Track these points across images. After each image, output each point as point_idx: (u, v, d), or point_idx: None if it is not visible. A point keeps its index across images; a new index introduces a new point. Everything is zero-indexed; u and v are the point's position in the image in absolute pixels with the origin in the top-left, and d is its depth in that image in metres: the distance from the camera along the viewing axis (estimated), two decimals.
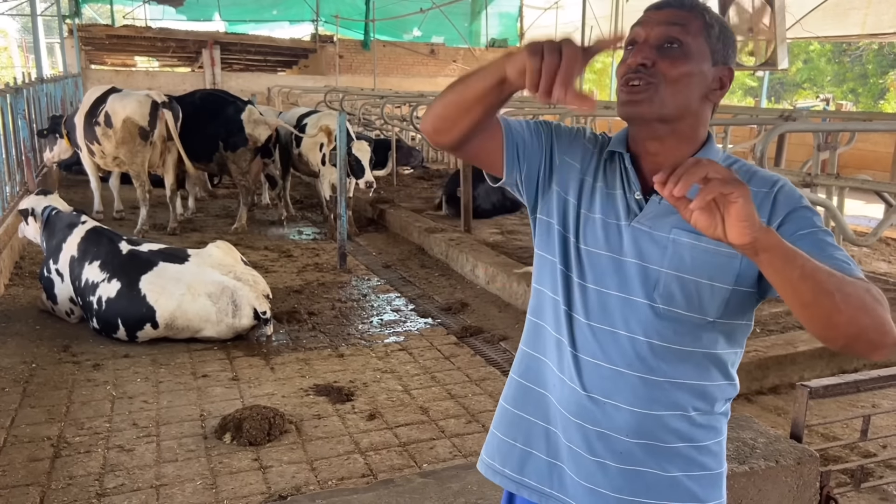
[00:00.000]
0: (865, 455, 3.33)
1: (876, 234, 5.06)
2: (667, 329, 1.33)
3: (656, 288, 1.33)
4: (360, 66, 19.88)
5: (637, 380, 1.35)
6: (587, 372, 1.38)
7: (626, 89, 1.33)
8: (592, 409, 1.37)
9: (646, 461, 1.36)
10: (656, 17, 1.34)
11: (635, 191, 1.38)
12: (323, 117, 8.42)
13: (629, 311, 1.34)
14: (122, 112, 7.39)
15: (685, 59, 1.31)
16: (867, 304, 1.12)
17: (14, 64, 30.68)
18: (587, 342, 1.38)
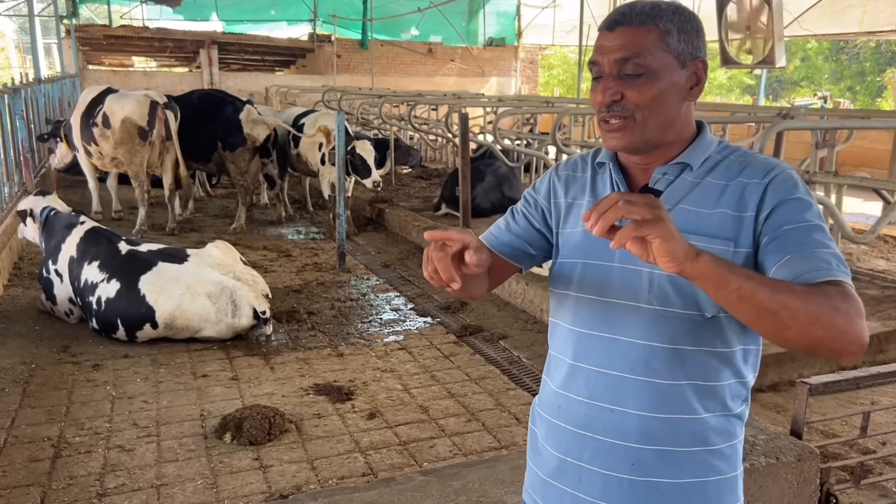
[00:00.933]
0: (865, 452, 3.33)
1: (874, 232, 5.06)
2: (666, 330, 1.32)
3: (650, 290, 1.32)
4: (358, 65, 19.87)
5: (643, 384, 1.33)
6: (592, 382, 1.37)
7: (604, 126, 1.34)
8: (600, 419, 1.37)
9: (658, 470, 1.34)
10: (610, 43, 1.32)
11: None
12: (321, 117, 8.42)
13: (627, 316, 1.34)
14: (120, 112, 7.37)
15: (651, 82, 1.30)
16: (821, 317, 1.10)
17: (11, 64, 30.63)
18: (590, 352, 1.38)
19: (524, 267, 1.54)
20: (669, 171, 1.36)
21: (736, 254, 1.27)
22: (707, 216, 1.31)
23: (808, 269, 1.18)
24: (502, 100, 12.64)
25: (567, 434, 1.42)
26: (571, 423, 1.41)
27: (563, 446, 1.43)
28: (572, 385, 1.41)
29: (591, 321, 1.38)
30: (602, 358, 1.36)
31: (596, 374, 1.37)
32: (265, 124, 8.12)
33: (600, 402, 1.37)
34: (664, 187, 1.35)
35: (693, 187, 1.34)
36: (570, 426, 1.41)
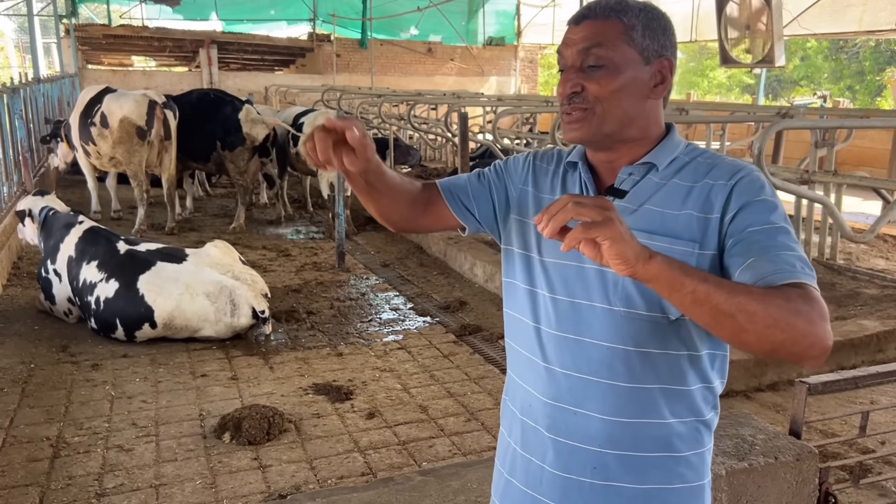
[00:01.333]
0: (864, 451, 3.33)
1: (873, 231, 5.06)
2: (630, 332, 1.30)
3: (614, 291, 1.30)
4: (358, 64, 19.86)
5: (606, 387, 1.32)
6: (557, 383, 1.36)
7: (565, 118, 1.34)
8: (564, 421, 1.35)
9: (620, 475, 1.33)
10: (575, 35, 1.32)
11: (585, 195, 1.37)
12: (320, 117, 8.41)
13: (592, 318, 1.32)
14: (118, 112, 7.37)
15: (612, 75, 1.29)
16: (780, 319, 1.08)
17: (11, 64, 30.63)
18: (555, 353, 1.36)
19: (467, 226, 1.52)
20: (635, 172, 1.35)
21: (701, 256, 1.26)
22: (673, 217, 1.29)
23: (770, 271, 1.15)
24: (502, 99, 12.65)
25: (533, 433, 1.41)
26: (537, 422, 1.39)
27: (529, 446, 1.41)
28: (539, 385, 1.39)
29: (556, 321, 1.36)
30: (566, 359, 1.35)
31: (561, 376, 1.35)
32: (264, 124, 8.12)
33: (564, 403, 1.35)
34: (630, 187, 1.34)
35: (659, 188, 1.32)
36: (536, 425, 1.40)
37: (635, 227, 1.26)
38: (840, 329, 4.62)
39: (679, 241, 1.27)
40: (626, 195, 1.33)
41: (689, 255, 1.25)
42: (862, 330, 4.59)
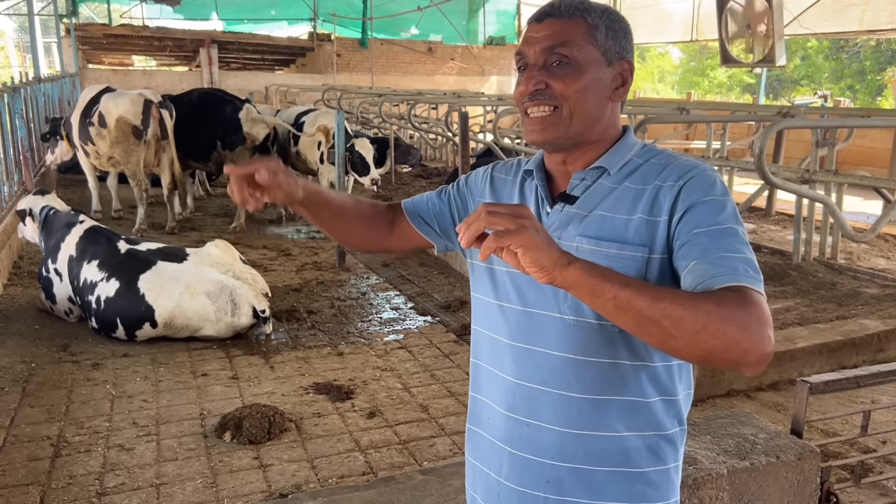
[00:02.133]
0: (865, 451, 3.33)
1: (874, 231, 5.06)
2: (581, 341, 1.27)
3: (564, 299, 1.27)
4: (358, 64, 19.86)
5: (558, 398, 1.29)
6: (511, 393, 1.34)
7: (528, 119, 1.31)
8: (518, 432, 1.33)
9: (575, 490, 1.29)
10: (538, 34, 1.30)
11: (546, 205, 1.36)
12: (321, 116, 8.41)
13: (543, 327, 1.30)
14: (115, 111, 7.37)
15: (576, 74, 1.27)
16: (710, 325, 1.03)
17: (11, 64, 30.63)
18: (511, 363, 1.34)
19: (434, 243, 1.56)
20: (587, 177, 1.33)
21: (650, 260, 1.22)
22: (623, 222, 1.25)
23: (710, 274, 1.11)
24: (502, 98, 12.64)
25: (490, 446, 1.39)
26: (494, 434, 1.38)
27: (487, 459, 1.40)
28: (496, 395, 1.38)
29: (510, 330, 1.34)
30: (519, 369, 1.33)
31: (514, 386, 1.33)
32: (264, 123, 8.11)
33: (518, 414, 1.33)
34: (581, 193, 1.32)
35: (610, 192, 1.30)
36: (493, 438, 1.39)
37: (585, 233, 1.27)
38: (841, 328, 4.62)
39: (628, 247, 1.24)
40: (577, 201, 1.32)
41: (640, 259, 1.22)
42: (863, 329, 4.59)
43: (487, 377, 1.41)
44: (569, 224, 1.31)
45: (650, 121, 5.96)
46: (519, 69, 1.35)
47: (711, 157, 7.30)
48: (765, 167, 4.54)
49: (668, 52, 32.30)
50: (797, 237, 6.51)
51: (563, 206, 1.33)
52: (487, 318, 1.42)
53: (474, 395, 1.47)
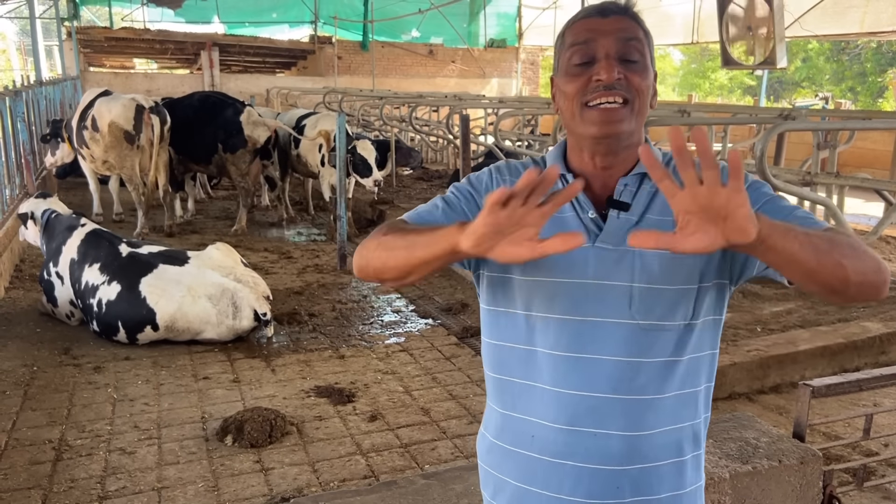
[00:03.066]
0: (868, 454, 3.32)
1: (876, 233, 5.06)
2: (649, 344, 1.27)
3: (631, 304, 1.26)
4: (359, 66, 19.87)
5: (628, 403, 1.28)
6: (571, 406, 1.29)
7: (595, 111, 1.27)
8: (583, 445, 1.30)
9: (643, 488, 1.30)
10: (607, 27, 1.29)
11: (588, 210, 1.32)
12: (321, 119, 8.42)
13: (607, 334, 1.27)
14: (107, 116, 7.37)
15: (646, 71, 1.29)
16: (857, 250, 1.12)
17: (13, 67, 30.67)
18: (564, 375, 1.29)
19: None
20: (630, 183, 1.32)
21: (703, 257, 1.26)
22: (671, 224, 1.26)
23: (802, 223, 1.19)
24: (503, 101, 12.65)
25: (542, 465, 1.33)
26: (547, 453, 1.32)
27: (539, 479, 1.33)
28: (543, 411, 1.31)
29: (565, 342, 1.29)
30: (579, 380, 1.28)
31: (575, 398, 1.29)
32: (265, 126, 8.12)
33: (583, 427, 1.29)
34: (630, 199, 1.31)
35: (654, 196, 1.31)
36: (545, 456, 1.32)
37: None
38: (843, 331, 4.61)
39: None
40: (630, 207, 1.30)
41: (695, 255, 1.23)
42: (865, 332, 4.58)
43: (524, 392, 1.34)
44: (625, 230, 1.27)
45: (651, 123, 5.95)
46: (575, 62, 1.30)
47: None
48: (766, 169, 4.54)
49: (668, 54, 32.32)
50: None
51: (619, 214, 1.30)
52: (516, 332, 1.35)
53: (506, 412, 1.38)
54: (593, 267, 1.28)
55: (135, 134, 7.39)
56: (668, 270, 1.26)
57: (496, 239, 1.07)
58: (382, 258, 1.26)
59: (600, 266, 1.28)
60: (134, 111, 7.37)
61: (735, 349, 4.28)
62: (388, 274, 1.27)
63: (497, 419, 1.41)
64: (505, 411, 1.38)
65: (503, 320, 1.37)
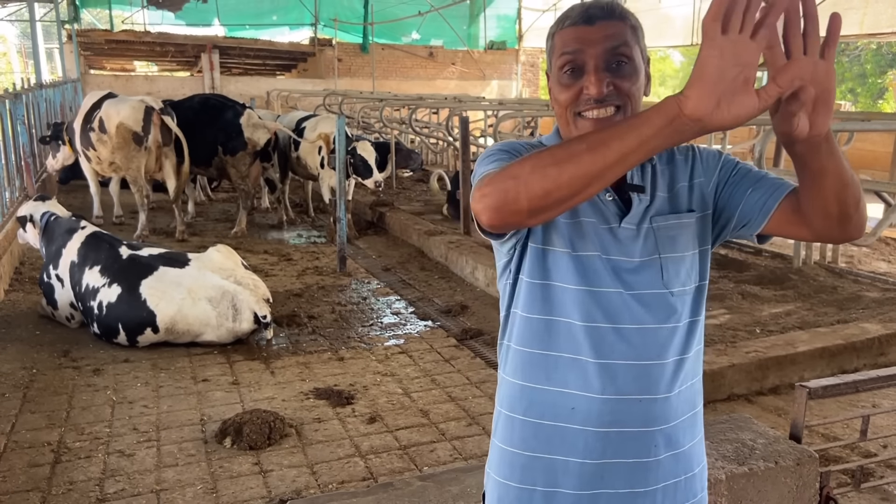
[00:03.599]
0: (865, 455, 3.33)
1: (875, 234, 5.06)
2: (678, 308, 1.37)
3: (664, 275, 1.35)
4: (359, 69, 19.90)
5: (668, 366, 1.36)
6: (620, 375, 1.34)
7: (589, 122, 1.32)
8: (629, 411, 1.35)
9: (676, 442, 1.39)
10: (593, 35, 1.31)
11: (604, 193, 1.37)
12: (321, 122, 8.43)
13: (647, 305, 1.35)
14: (115, 117, 7.40)
15: (636, 73, 1.33)
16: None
17: (13, 69, 30.73)
18: (612, 347, 1.34)
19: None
20: (635, 168, 1.38)
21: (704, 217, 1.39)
22: (678, 194, 1.40)
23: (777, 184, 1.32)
24: (503, 103, 12.66)
25: (581, 435, 1.36)
26: (592, 423, 1.36)
27: (577, 448, 1.37)
28: (592, 384, 1.35)
29: (612, 315, 1.34)
30: (629, 351, 1.34)
31: (625, 368, 1.34)
32: (265, 128, 8.13)
33: (631, 394, 1.35)
34: (640, 181, 1.39)
35: (657, 176, 1.41)
36: (589, 427, 1.36)
37: (662, 212, 1.37)
38: (842, 332, 4.61)
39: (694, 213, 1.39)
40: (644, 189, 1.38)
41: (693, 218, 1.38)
42: (864, 333, 4.59)
43: (562, 365, 1.37)
44: (644, 210, 1.38)
45: None
46: (566, 71, 1.34)
47: None
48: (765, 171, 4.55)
49: (668, 56, 32.33)
50: (798, 241, 6.51)
51: (640, 198, 1.38)
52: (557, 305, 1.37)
53: (538, 386, 1.40)
54: (623, 244, 1.36)
55: (143, 135, 7.43)
56: (682, 238, 1.37)
57: (721, 86, 0.97)
58: (551, 176, 1.11)
59: (629, 243, 1.36)
60: (143, 113, 7.42)
61: (734, 350, 4.28)
62: (561, 192, 1.12)
63: (524, 394, 1.42)
64: (537, 385, 1.40)
65: (543, 293, 1.39)
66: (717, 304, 5.45)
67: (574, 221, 1.36)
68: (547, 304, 1.39)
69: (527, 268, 1.41)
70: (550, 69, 1.40)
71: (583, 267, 1.35)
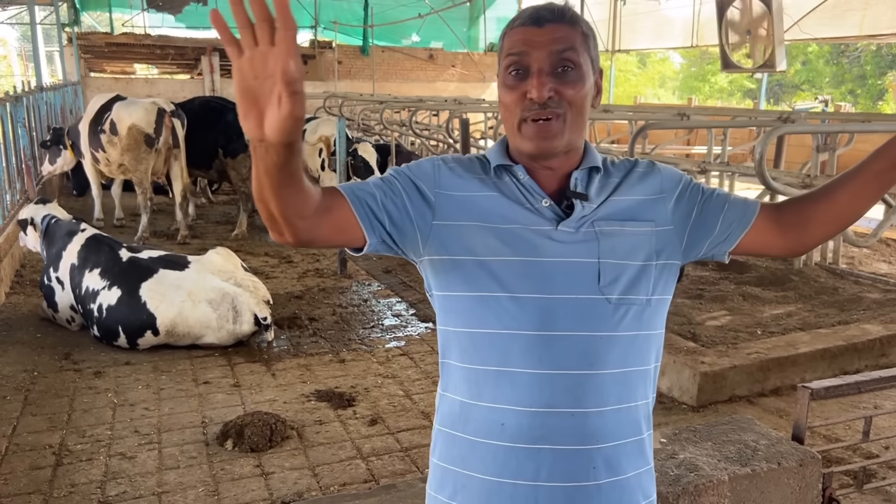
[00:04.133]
0: (868, 456, 3.32)
1: (876, 235, 5.05)
2: (618, 319, 1.30)
3: (601, 279, 1.29)
4: (359, 71, 19.90)
5: (601, 378, 1.29)
6: (547, 387, 1.28)
7: (532, 126, 1.29)
8: (560, 426, 1.28)
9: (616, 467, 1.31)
10: (541, 38, 1.28)
11: (541, 199, 1.33)
12: (322, 125, 8.43)
13: (579, 310, 1.28)
14: (127, 119, 7.42)
15: (581, 80, 1.29)
16: None
17: (14, 72, 30.74)
18: (539, 356, 1.28)
19: (369, 238, 1.30)
20: (580, 177, 1.35)
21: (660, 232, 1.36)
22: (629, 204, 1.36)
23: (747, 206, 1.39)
24: None
25: (513, 453, 1.29)
26: (522, 439, 1.29)
27: (510, 468, 1.29)
28: (521, 396, 1.28)
29: (538, 321, 1.27)
30: (558, 359, 1.27)
31: (551, 377, 1.27)
32: None
33: (560, 407, 1.28)
34: (584, 189, 1.35)
35: (605, 185, 1.38)
36: (519, 444, 1.29)
37: (606, 217, 1.33)
38: (843, 333, 4.61)
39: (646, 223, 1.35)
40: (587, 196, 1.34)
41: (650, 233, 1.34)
42: (865, 334, 4.58)
43: (497, 379, 1.30)
44: (587, 215, 1.34)
45: (651, 126, 5.97)
46: (511, 73, 1.30)
47: (712, 163, 7.29)
48: (765, 172, 4.54)
49: (668, 58, 32.35)
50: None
51: (583, 204, 1.34)
52: (479, 315, 1.31)
53: (472, 402, 1.33)
54: (560, 247, 1.31)
55: (155, 137, 7.46)
56: (628, 247, 1.32)
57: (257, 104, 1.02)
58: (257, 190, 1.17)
59: (566, 246, 1.31)
60: (156, 115, 7.44)
61: (735, 352, 4.28)
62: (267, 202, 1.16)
63: (459, 410, 1.36)
64: (470, 401, 1.34)
65: (462, 305, 1.33)
66: (719, 306, 5.46)
67: (495, 227, 1.31)
68: (466, 315, 1.33)
69: (434, 281, 1.37)
70: (499, 71, 1.35)
71: (507, 270, 1.29)
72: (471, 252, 1.31)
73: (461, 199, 1.35)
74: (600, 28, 18.44)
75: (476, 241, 1.31)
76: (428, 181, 1.36)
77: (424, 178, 1.36)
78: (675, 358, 4.07)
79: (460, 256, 1.32)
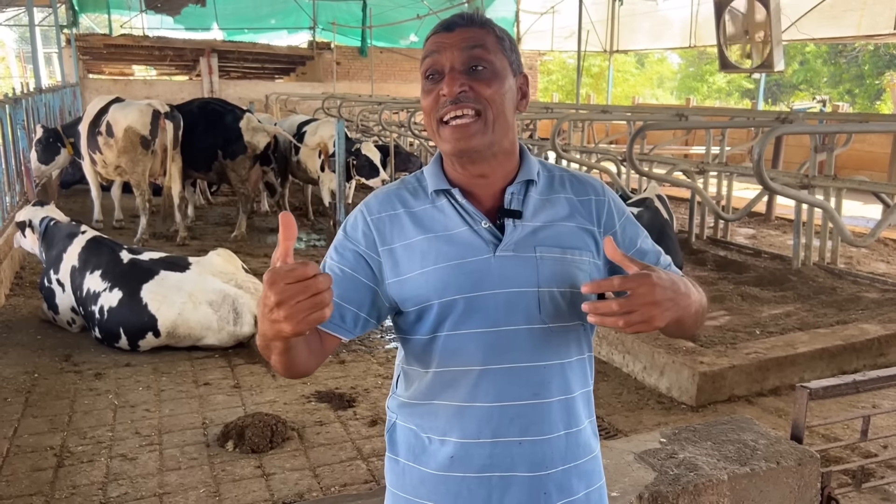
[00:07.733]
0: (866, 455, 3.34)
1: (874, 235, 5.06)
2: (558, 346, 1.32)
3: (541, 309, 1.29)
4: (358, 72, 19.92)
5: (545, 406, 1.31)
6: (494, 418, 1.30)
7: (450, 128, 1.28)
8: (508, 455, 1.30)
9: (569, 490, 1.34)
10: (451, 40, 1.30)
11: (480, 221, 1.32)
12: (322, 126, 8.44)
13: (520, 341, 1.29)
14: (123, 121, 7.43)
15: (497, 78, 1.30)
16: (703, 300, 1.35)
17: (12, 74, 30.74)
18: (485, 389, 1.30)
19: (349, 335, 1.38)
20: (516, 191, 1.35)
21: (594, 264, 1.35)
22: (569, 229, 1.35)
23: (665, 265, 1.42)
24: None
25: (465, 483, 1.31)
26: (472, 469, 1.31)
27: (464, 497, 1.32)
28: (464, 428, 1.31)
29: (482, 355, 1.29)
30: (503, 391, 1.29)
31: (497, 410, 1.30)
32: (265, 132, 8.15)
33: (508, 437, 1.30)
34: (520, 206, 1.34)
35: (545, 203, 1.36)
36: (470, 473, 1.31)
37: (544, 243, 1.31)
38: (841, 333, 4.63)
39: (582, 252, 1.34)
40: (522, 214, 1.33)
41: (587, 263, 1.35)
42: (863, 334, 4.60)
43: (450, 413, 1.33)
44: (524, 237, 1.32)
45: (649, 127, 5.98)
46: (428, 77, 1.32)
47: (711, 163, 7.31)
48: (763, 172, 4.55)
49: (666, 58, 32.37)
50: (797, 242, 6.52)
51: (514, 223, 1.32)
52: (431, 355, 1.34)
53: (432, 436, 1.35)
54: (499, 276, 1.29)
55: (151, 139, 7.47)
56: (566, 274, 1.32)
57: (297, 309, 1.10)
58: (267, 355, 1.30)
59: (505, 274, 1.30)
60: (151, 116, 7.45)
61: (734, 352, 4.29)
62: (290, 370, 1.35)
63: (413, 441, 1.38)
64: (423, 434, 1.36)
65: (411, 346, 1.37)
66: (718, 306, 5.47)
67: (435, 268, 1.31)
68: (422, 356, 1.35)
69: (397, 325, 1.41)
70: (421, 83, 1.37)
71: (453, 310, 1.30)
72: (420, 300, 1.32)
73: (400, 249, 1.34)
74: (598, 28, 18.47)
75: (421, 289, 1.31)
76: (366, 243, 1.36)
77: (366, 242, 1.36)
78: (673, 358, 4.08)
79: (410, 308, 1.34)
